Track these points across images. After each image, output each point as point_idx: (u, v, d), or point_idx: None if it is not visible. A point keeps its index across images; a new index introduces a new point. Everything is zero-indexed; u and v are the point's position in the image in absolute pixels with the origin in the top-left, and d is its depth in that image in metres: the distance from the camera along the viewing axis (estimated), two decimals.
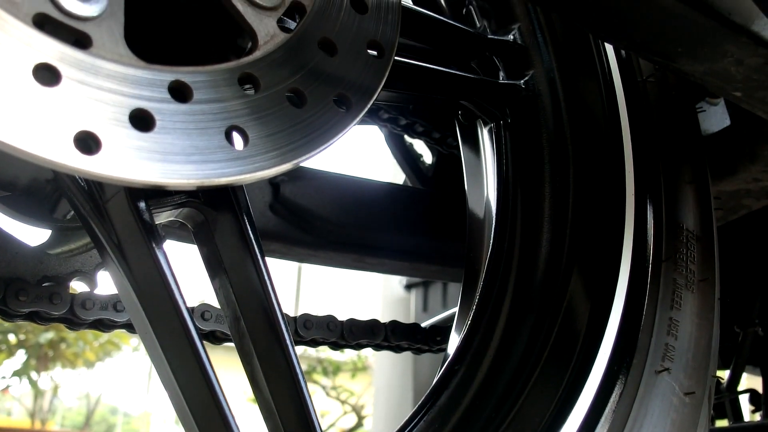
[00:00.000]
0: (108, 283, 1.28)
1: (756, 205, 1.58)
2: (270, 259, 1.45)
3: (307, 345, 1.42)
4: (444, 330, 1.54)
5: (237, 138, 0.78)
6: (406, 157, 2.00)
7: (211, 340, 1.33)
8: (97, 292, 1.21)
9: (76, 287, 1.22)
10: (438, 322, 1.83)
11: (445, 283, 3.47)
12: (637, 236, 1.12)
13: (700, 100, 1.47)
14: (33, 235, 1.18)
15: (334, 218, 1.46)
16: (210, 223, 0.91)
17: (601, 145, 1.20)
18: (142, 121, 0.71)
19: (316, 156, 0.83)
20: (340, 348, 1.45)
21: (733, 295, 1.96)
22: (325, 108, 0.85)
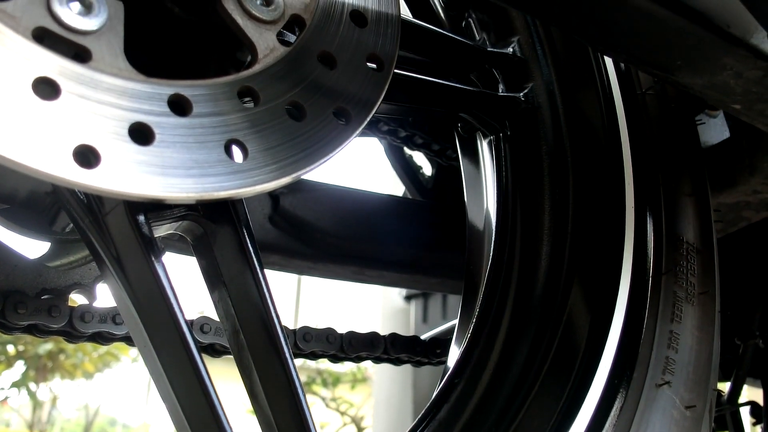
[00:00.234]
0: (107, 296, 1.28)
1: (755, 217, 1.58)
2: (269, 271, 1.45)
3: (307, 358, 1.41)
4: (444, 342, 1.54)
5: (236, 151, 0.78)
6: (406, 169, 2.00)
7: (210, 353, 1.33)
8: (96, 304, 1.21)
9: (75, 300, 1.21)
10: (438, 334, 1.83)
11: (445, 295, 3.46)
12: (637, 249, 1.12)
13: (700, 113, 1.47)
14: (32, 248, 1.18)
15: (334, 230, 1.46)
16: (209, 236, 0.90)
17: (600, 158, 1.20)
18: (142, 134, 0.71)
19: (316, 169, 0.83)
20: (340, 361, 1.45)
21: (733, 308, 1.96)
22: (324, 121, 0.85)
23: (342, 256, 1.50)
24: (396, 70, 0.98)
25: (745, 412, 2.21)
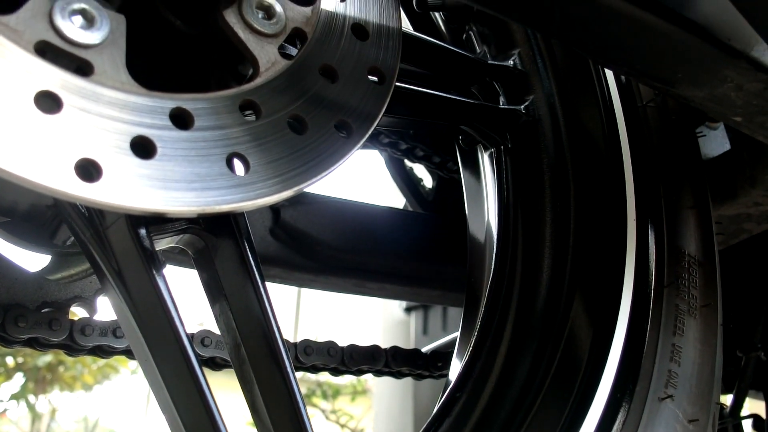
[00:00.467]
0: (107, 309, 1.27)
1: (757, 229, 1.57)
2: (269, 283, 1.45)
3: (308, 371, 1.41)
4: (445, 355, 1.53)
5: (238, 165, 0.78)
6: (407, 182, 2.00)
7: (211, 367, 1.32)
8: (97, 317, 1.20)
9: (76, 312, 1.21)
10: (439, 347, 1.82)
11: (445, 307, 3.46)
12: (639, 262, 1.12)
13: (700, 125, 1.47)
14: (33, 261, 1.17)
15: (335, 243, 1.46)
16: (210, 249, 0.90)
17: (601, 170, 1.19)
18: (143, 148, 0.71)
19: (318, 182, 0.83)
20: (341, 374, 1.45)
21: (735, 320, 1.95)
22: (326, 134, 0.85)
23: (343, 268, 1.50)
24: (397, 83, 0.98)
25: (748, 425, 2.21)
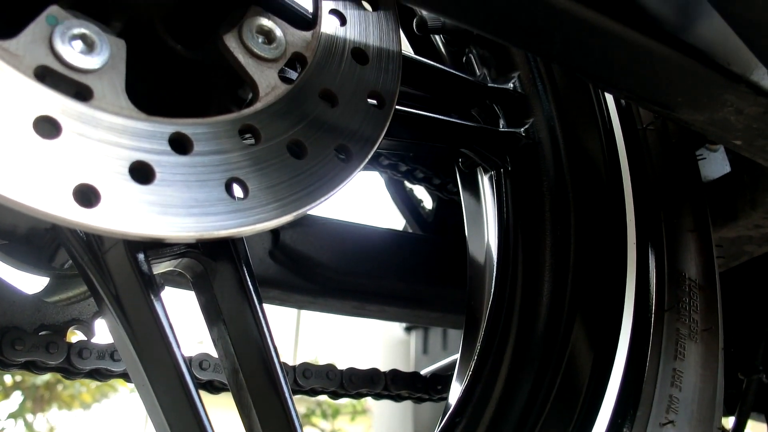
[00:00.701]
0: (105, 332, 1.27)
1: (758, 251, 1.57)
2: (268, 305, 1.44)
3: (306, 394, 1.40)
4: (445, 378, 1.52)
5: (237, 189, 0.77)
6: (407, 203, 1.99)
7: (209, 390, 1.31)
8: (95, 340, 1.20)
9: (74, 332, 1.20)
10: (439, 369, 1.81)
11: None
12: (640, 285, 1.11)
13: (700, 147, 1.47)
14: (30, 283, 1.17)
15: (334, 265, 1.46)
16: (209, 274, 0.90)
17: (602, 193, 1.19)
18: (142, 173, 0.71)
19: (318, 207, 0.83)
20: (340, 397, 1.44)
21: (736, 343, 1.94)
22: (326, 159, 0.84)
23: (342, 290, 1.50)
24: (397, 106, 0.98)
25: None
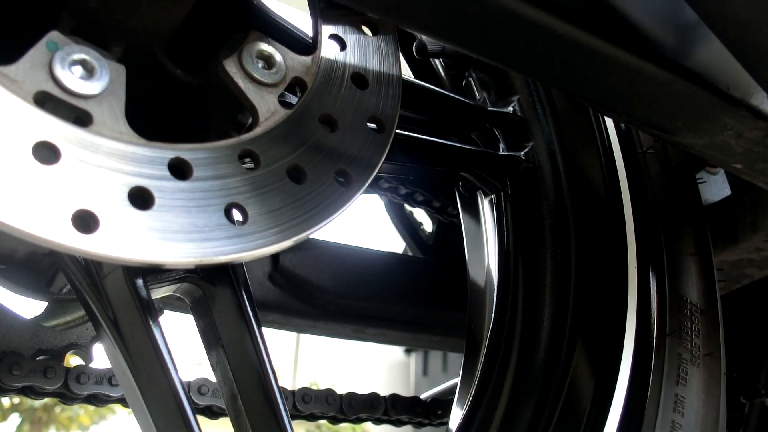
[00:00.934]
0: (103, 357, 1.26)
1: (759, 274, 1.56)
2: (268, 328, 1.44)
3: (306, 419, 1.39)
4: (445, 403, 1.51)
5: (237, 215, 0.77)
6: (407, 226, 1.99)
7: (207, 415, 1.30)
8: (93, 365, 1.19)
9: (71, 360, 1.20)
10: (439, 393, 1.80)
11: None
12: (641, 310, 1.11)
13: (700, 170, 1.47)
14: (28, 307, 1.17)
15: (334, 288, 1.45)
16: (208, 298, 0.89)
17: (602, 217, 1.19)
18: (141, 199, 0.71)
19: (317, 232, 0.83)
20: (339, 422, 1.43)
21: (738, 366, 1.93)
22: (325, 184, 0.84)
23: (342, 314, 1.49)
24: (397, 130, 0.98)
25: None
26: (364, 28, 1.01)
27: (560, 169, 1.22)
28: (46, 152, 0.68)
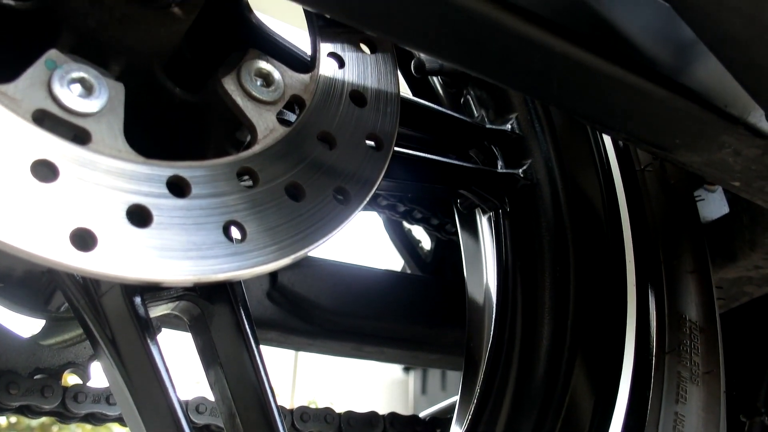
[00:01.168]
0: (101, 375, 1.25)
1: (758, 292, 1.56)
2: (266, 346, 1.43)
3: None
4: (444, 422, 1.50)
5: (235, 232, 0.77)
6: (405, 243, 1.99)
7: None
8: (90, 384, 1.18)
9: (69, 379, 1.19)
10: (438, 412, 1.79)
11: None
12: (640, 328, 1.10)
13: (699, 188, 1.47)
14: (26, 326, 1.16)
15: (332, 306, 1.45)
16: (206, 317, 0.89)
17: (601, 234, 1.19)
18: (140, 216, 0.71)
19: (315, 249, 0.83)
20: None
21: (738, 384, 1.92)
22: (324, 201, 0.84)
23: (340, 332, 1.48)
24: (396, 148, 0.98)
25: None
26: (363, 46, 1.02)
27: (559, 186, 1.22)
28: (45, 170, 0.68)
